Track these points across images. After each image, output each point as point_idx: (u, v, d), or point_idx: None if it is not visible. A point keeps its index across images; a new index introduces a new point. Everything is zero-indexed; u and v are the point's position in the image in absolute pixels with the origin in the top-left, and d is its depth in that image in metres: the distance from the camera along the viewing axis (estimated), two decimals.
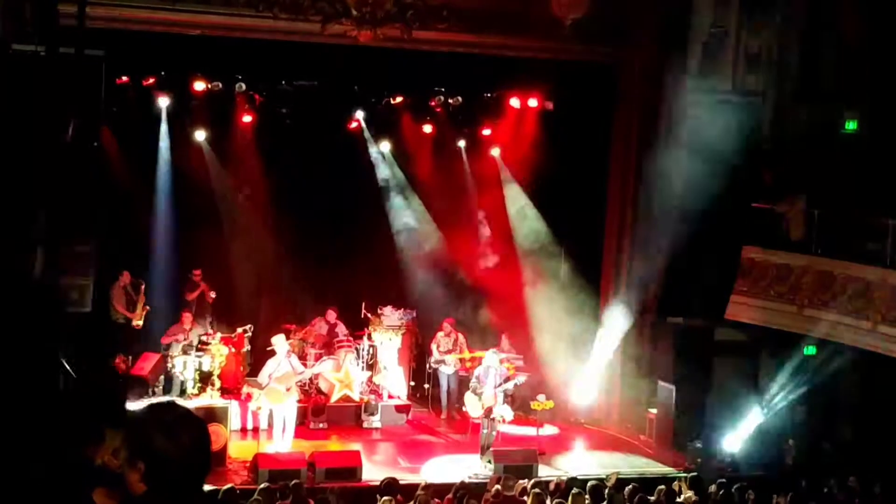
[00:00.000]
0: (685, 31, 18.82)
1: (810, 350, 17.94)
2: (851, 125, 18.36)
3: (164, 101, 18.84)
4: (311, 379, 18.19)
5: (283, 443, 16.32)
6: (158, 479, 3.41)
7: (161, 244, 19.20)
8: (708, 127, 18.35)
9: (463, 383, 18.83)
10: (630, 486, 13.87)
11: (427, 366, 19.59)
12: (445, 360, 19.20)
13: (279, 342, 16.60)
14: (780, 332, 17.81)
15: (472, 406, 16.89)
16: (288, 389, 16.27)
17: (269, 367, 16.35)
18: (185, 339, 18.13)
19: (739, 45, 18.92)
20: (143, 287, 18.69)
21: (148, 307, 18.75)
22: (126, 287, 18.60)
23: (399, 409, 18.96)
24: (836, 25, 18.63)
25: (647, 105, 19.21)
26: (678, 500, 13.82)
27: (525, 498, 13.25)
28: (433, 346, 19.37)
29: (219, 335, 18.56)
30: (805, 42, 19.04)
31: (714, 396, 18.23)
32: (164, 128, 19.14)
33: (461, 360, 19.35)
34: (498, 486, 13.53)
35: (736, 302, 18.28)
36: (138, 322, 18.63)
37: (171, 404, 3.65)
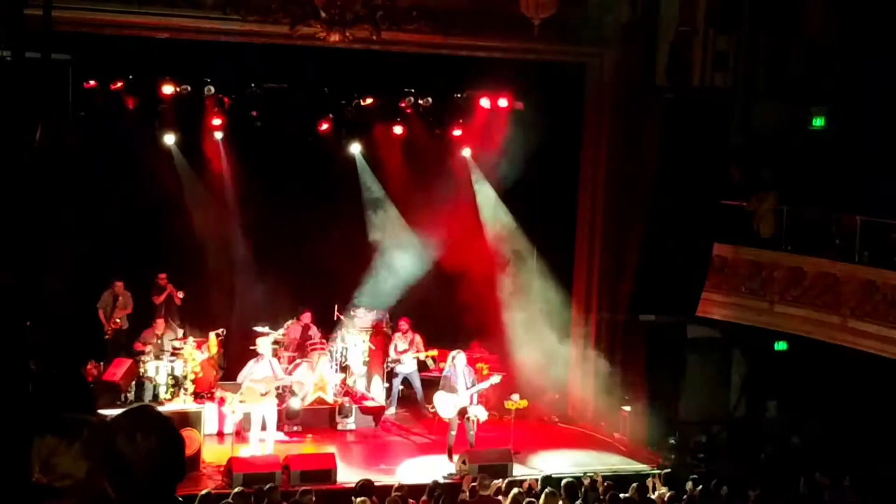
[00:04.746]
0: (653, 30, 18.92)
1: (781, 345, 18.06)
2: (819, 122, 18.50)
3: (132, 105, 18.74)
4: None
5: (263, 446, 16.30)
6: (124, 485, 3.33)
7: (130, 248, 19.11)
8: (677, 125, 18.48)
9: (435, 384, 18.87)
10: (604, 484, 13.94)
11: (385, 365, 19.58)
12: (401, 359, 19.18)
13: (262, 344, 16.60)
14: (752, 328, 17.93)
15: (443, 406, 16.89)
16: (265, 394, 16.24)
17: (250, 366, 16.38)
18: (157, 342, 18.09)
19: (707, 43, 19.03)
20: (119, 299, 18.67)
21: (118, 322, 18.69)
22: (116, 296, 18.60)
23: (373, 410, 18.92)
24: (802, 23, 18.76)
25: (616, 104, 19.30)
26: (652, 496, 13.89)
27: (500, 497, 13.28)
28: (391, 347, 19.37)
29: (192, 339, 18.50)
30: (772, 40, 19.18)
31: (686, 393, 18.31)
32: (132, 132, 19.02)
33: (433, 359, 19.35)
34: (474, 485, 13.57)
35: (707, 299, 18.38)
36: (109, 332, 18.65)
37: (142, 408, 3.59)
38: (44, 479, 3.40)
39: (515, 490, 13.25)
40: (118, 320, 18.72)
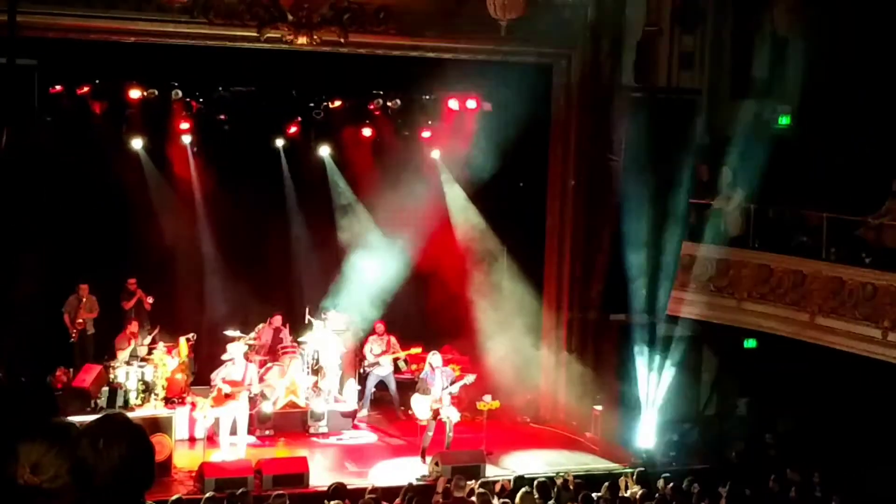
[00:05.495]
0: (619, 30, 19.00)
1: (750, 343, 18.17)
2: (785, 120, 18.62)
3: (99, 110, 18.65)
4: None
5: (235, 450, 16.26)
6: (88, 491, 3.34)
7: (99, 253, 19.02)
8: (644, 124, 18.57)
9: (409, 386, 18.91)
10: (575, 483, 13.99)
11: (362, 368, 19.57)
12: (380, 361, 19.18)
13: (233, 349, 16.56)
14: (721, 326, 18.03)
15: (419, 408, 16.91)
16: (228, 395, 16.20)
17: (223, 370, 16.36)
18: (135, 346, 18.03)
19: (673, 43, 19.14)
20: (84, 301, 18.58)
21: (82, 322, 18.60)
22: (81, 299, 18.51)
23: (345, 414, 18.90)
24: (768, 21, 18.89)
25: (583, 104, 19.38)
26: (625, 494, 13.95)
27: (473, 499, 13.31)
28: (367, 350, 19.36)
29: (162, 344, 18.43)
30: (737, 39, 19.30)
31: (657, 392, 18.39)
32: (99, 136, 18.93)
33: (406, 361, 19.37)
34: (448, 486, 13.59)
35: (677, 297, 18.48)
36: (73, 335, 18.57)
37: (113, 416, 3.60)
38: (35, 480, 3.44)
39: (480, 490, 13.29)
40: (82, 321, 18.59)
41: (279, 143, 20.45)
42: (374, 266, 20.04)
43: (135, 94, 18.52)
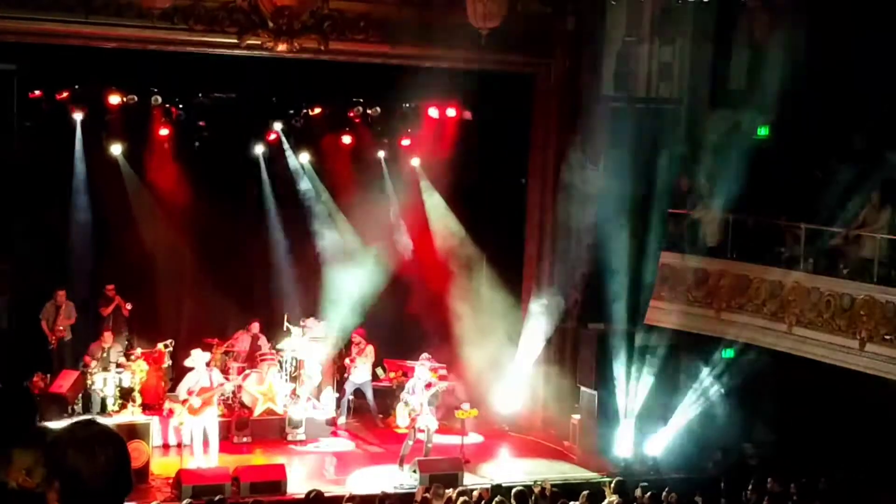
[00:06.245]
0: (599, 40, 19.06)
1: (728, 353, 18.21)
2: (763, 131, 18.70)
3: (78, 115, 18.60)
4: (234, 392, 18.07)
5: (207, 458, 16.18)
6: (74, 498, 3.35)
7: (77, 259, 18.95)
8: (623, 135, 18.62)
9: (386, 394, 18.92)
10: (553, 491, 13.99)
11: (340, 376, 19.55)
12: (357, 365, 19.15)
13: (196, 356, 16.47)
14: (699, 336, 18.07)
15: (403, 417, 16.95)
16: (205, 403, 16.11)
17: (188, 381, 16.24)
18: (104, 355, 17.95)
19: (652, 53, 19.21)
20: (62, 308, 18.47)
21: (62, 329, 18.48)
22: (58, 305, 18.41)
23: (324, 421, 18.86)
24: (746, 32, 18.98)
25: (563, 114, 19.41)
26: None
27: None
28: (345, 358, 19.35)
29: (139, 351, 18.37)
30: (716, 49, 19.38)
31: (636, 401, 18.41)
32: (78, 142, 18.88)
33: (384, 369, 19.36)
34: (426, 495, 13.57)
35: (655, 307, 18.51)
36: (53, 343, 18.47)
37: (89, 422, 3.60)
38: (31, 484, 3.45)
39: (463, 498, 13.27)
40: (62, 328, 18.50)
41: (259, 149, 20.44)
42: (353, 274, 20.03)
43: (114, 99, 18.49)
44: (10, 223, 18.28)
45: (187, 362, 16.58)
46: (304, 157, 20.96)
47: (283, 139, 20.55)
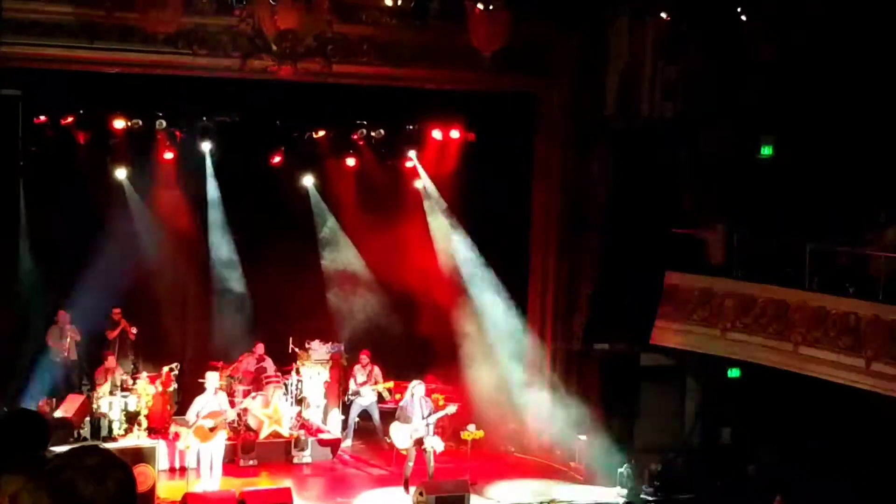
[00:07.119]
0: (602, 61, 19.09)
1: (734, 373, 18.19)
2: (767, 150, 18.72)
3: (83, 140, 18.64)
4: (239, 415, 18.03)
5: (211, 481, 16.14)
6: None
7: (83, 283, 18.96)
8: (626, 154, 18.64)
9: (392, 416, 18.85)
10: None
11: (346, 398, 19.52)
12: (360, 391, 19.14)
13: (211, 379, 16.44)
14: (704, 356, 18.04)
15: (398, 437, 16.88)
16: (213, 429, 16.08)
17: (198, 404, 16.19)
18: (110, 379, 17.94)
19: (655, 73, 19.23)
20: (66, 328, 18.49)
21: (66, 348, 18.50)
22: (62, 327, 18.42)
23: (329, 443, 18.83)
24: (750, 52, 19.00)
25: (566, 134, 19.44)
26: None
27: None
28: (351, 380, 19.33)
29: (145, 374, 18.36)
30: (720, 69, 19.40)
31: (641, 421, 18.38)
32: (83, 167, 18.91)
33: (389, 391, 19.34)
34: None
35: (660, 327, 18.50)
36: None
37: (94, 448, 3.60)
38: None
39: None
40: (67, 348, 18.51)
41: (263, 172, 20.46)
42: (358, 295, 20.01)
43: (119, 124, 18.52)
44: (15, 247, 18.32)
45: (205, 383, 16.52)
46: (309, 180, 21.00)
47: (287, 162, 20.56)
